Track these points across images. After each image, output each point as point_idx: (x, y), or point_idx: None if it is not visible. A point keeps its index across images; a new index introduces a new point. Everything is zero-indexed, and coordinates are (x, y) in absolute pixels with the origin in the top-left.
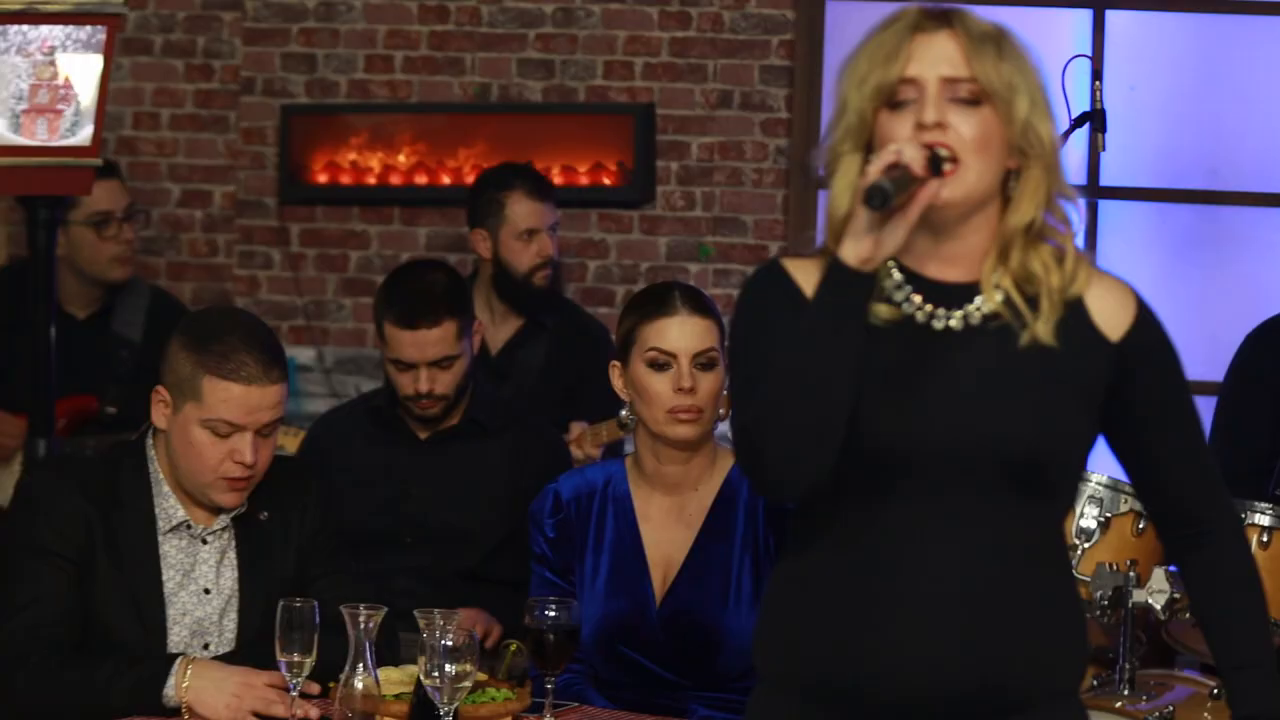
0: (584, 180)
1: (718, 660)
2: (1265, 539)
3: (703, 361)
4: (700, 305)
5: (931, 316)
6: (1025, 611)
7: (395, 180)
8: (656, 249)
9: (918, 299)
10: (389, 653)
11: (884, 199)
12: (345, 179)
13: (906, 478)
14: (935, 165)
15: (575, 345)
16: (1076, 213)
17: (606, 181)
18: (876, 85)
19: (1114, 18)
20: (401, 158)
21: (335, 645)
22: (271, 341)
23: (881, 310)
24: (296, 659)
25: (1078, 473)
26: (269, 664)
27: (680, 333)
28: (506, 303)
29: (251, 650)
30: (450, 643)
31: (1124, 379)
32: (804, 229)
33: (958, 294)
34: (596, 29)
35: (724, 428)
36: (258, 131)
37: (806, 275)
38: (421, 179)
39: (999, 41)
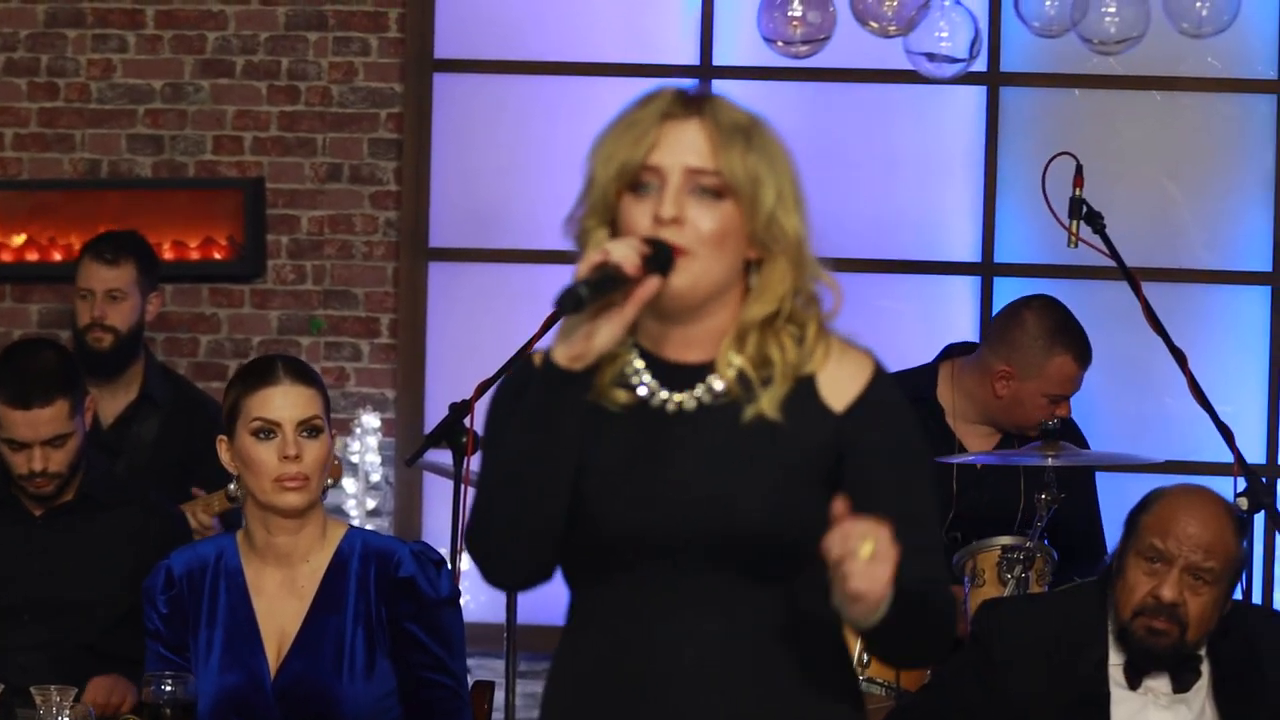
0: (195, 255)
1: None
2: None
3: (307, 429)
4: (303, 374)
5: (665, 400)
6: (773, 694)
7: (7, 258)
8: (268, 323)
9: (652, 383)
10: None
11: (576, 303)
12: None
13: (645, 561)
14: (659, 263)
15: (187, 420)
16: (829, 294)
17: (217, 256)
18: (621, 166)
19: (721, 88)
20: (13, 235)
21: None
22: None
23: (619, 395)
24: None
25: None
26: None
27: (284, 401)
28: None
29: None
30: (67, 719)
31: (846, 449)
32: (415, 301)
33: (693, 374)
34: (206, 104)
35: (334, 497)
36: None
37: None
38: (33, 256)
39: (749, 133)
